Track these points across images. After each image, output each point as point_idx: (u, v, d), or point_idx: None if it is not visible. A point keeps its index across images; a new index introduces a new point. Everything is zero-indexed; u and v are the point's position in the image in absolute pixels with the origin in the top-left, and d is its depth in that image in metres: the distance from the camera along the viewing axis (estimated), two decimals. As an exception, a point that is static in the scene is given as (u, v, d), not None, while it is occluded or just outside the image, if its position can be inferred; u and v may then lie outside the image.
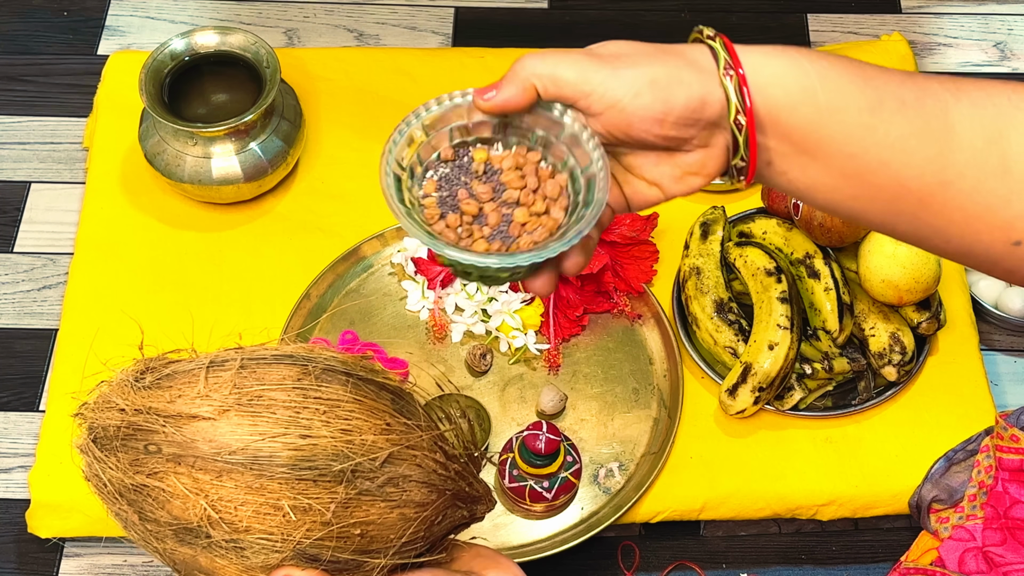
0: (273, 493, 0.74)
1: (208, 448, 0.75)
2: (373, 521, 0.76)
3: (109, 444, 0.80)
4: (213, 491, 0.74)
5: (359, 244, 1.42)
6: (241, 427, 0.75)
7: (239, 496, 0.74)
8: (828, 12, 1.73)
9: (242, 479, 0.74)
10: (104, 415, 0.81)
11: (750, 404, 1.28)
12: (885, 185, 0.75)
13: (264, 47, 1.42)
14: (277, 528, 0.74)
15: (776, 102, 0.74)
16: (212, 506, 0.74)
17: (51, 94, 1.62)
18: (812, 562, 1.30)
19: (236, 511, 0.74)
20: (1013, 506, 1.08)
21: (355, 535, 0.76)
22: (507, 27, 1.70)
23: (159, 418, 0.77)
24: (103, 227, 1.44)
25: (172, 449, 0.76)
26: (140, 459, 0.77)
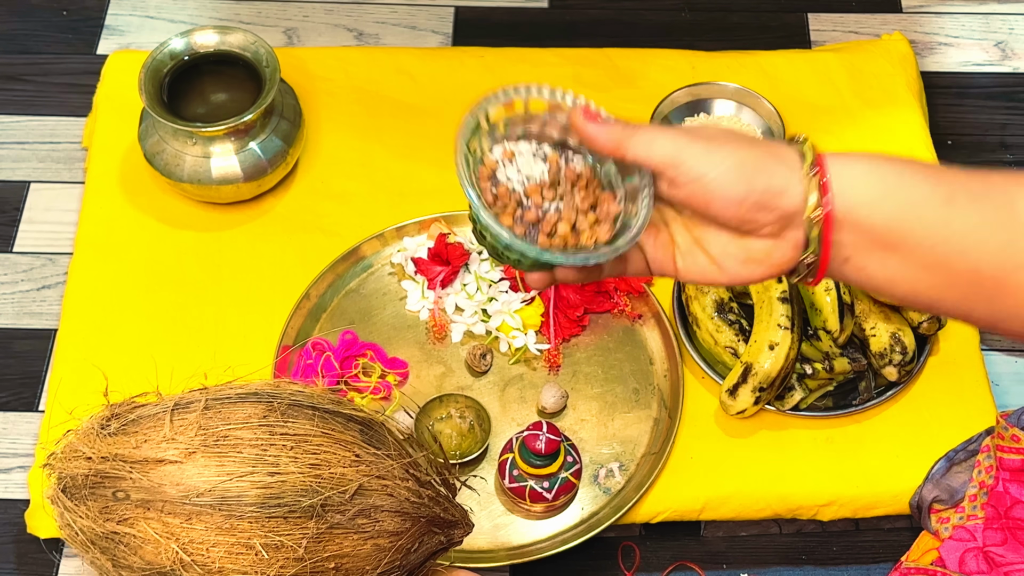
0: (244, 532, 0.74)
1: (176, 492, 0.75)
2: (347, 554, 0.77)
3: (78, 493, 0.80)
4: (184, 534, 0.74)
5: (359, 244, 1.41)
6: (208, 468, 0.75)
7: (210, 538, 0.74)
8: (829, 11, 1.73)
9: (212, 520, 0.74)
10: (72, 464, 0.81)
11: (751, 404, 1.28)
12: (962, 273, 0.79)
13: (264, 47, 1.41)
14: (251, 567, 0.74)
15: (857, 201, 0.79)
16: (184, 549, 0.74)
17: (50, 94, 1.62)
18: (813, 562, 1.30)
19: (208, 552, 0.74)
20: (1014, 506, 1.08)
21: (330, 569, 0.76)
22: (507, 26, 1.70)
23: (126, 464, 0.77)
24: (102, 227, 1.44)
25: (140, 495, 0.76)
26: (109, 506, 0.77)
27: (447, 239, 1.40)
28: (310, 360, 1.33)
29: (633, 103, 1.55)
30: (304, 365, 1.33)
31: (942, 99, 1.65)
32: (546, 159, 0.86)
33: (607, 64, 1.59)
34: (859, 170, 0.80)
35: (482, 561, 1.24)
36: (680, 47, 1.63)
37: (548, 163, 0.86)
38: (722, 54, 1.61)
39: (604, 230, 0.84)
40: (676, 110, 1.54)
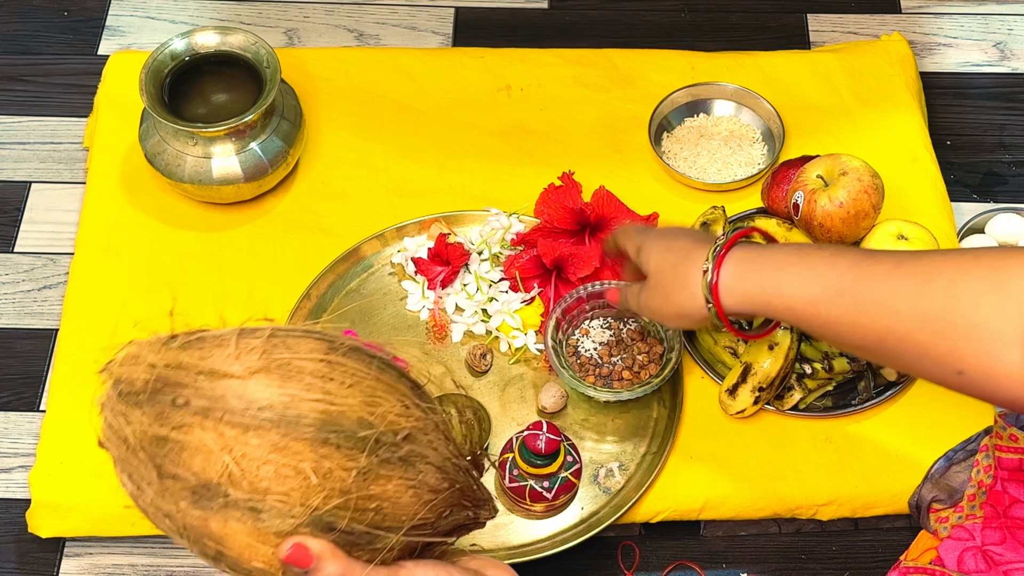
0: (296, 455, 0.74)
1: (237, 403, 0.75)
2: (388, 497, 0.77)
3: (135, 398, 0.79)
4: (238, 447, 0.74)
5: (359, 244, 1.42)
6: (270, 388, 0.75)
7: (263, 455, 0.74)
8: (828, 12, 1.73)
9: (268, 437, 0.74)
10: (132, 370, 0.79)
11: (750, 404, 1.28)
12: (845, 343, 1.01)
13: (264, 47, 1.42)
14: (296, 491, 0.74)
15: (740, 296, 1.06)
16: (236, 462, 0.74)
17: (51, 94, 1.62)
18: (812, 562, 1.30)
19: (258, 470, 0.74)
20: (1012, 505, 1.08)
21: (370, 508, 0.76)
22: (507, 27, 1.71)
23: (190, 372, 0.77)
24: (103, 227, 1.45)
25: (201, 402, 0.75)
26: (167, 412, 0.77)
27: (447, 239, 1.40)
28: (310, 360, 1.33)
29: (633, 103, 1.55)
30: (304, 365, 1.33)
31: (941, 99, 1.65)
32: (611, 327, 1.35)
33: (607, 64, 1.59)
34: (742, 271, 1.06)
35: (482, 560, 1.24)
36: (680, 47, 1.63)
37: (612, 330, 1.35)
38: (722, 54, 1.61)
39: (653, 367, 1.32)
40: (676, 110, 1.54)
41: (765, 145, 1.52)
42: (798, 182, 1.35)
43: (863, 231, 1.34)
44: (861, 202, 1.32)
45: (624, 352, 1.33)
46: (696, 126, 1.54)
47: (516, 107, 1.56)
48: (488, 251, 1.41)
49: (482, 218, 1.44)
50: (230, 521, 0.75)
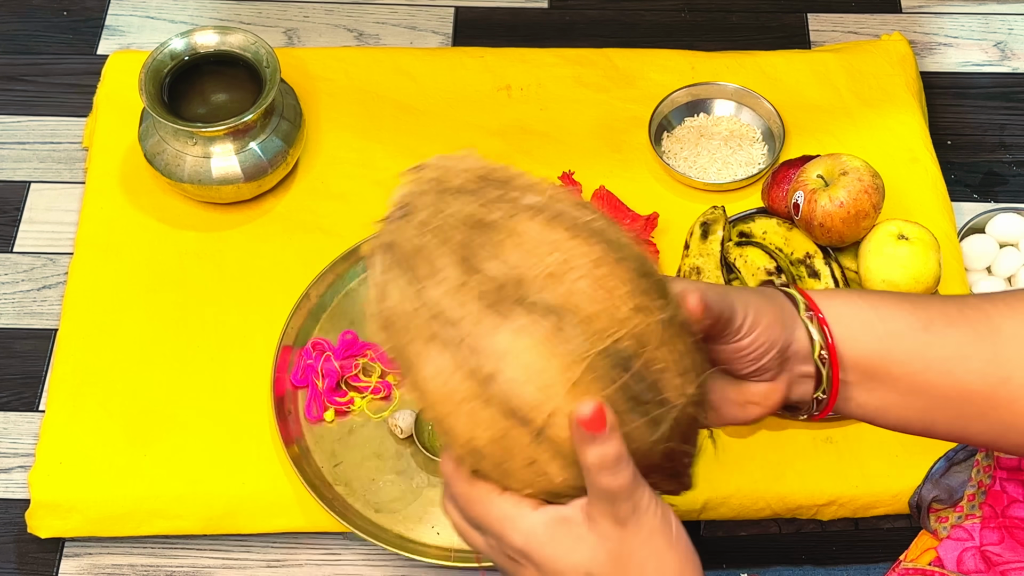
0: (616, 278, 0.69)
1: (567, 208, 0.70)
2: (671, 366, 0.72)
3: (454, 191, 0.72)
4: (563, 250, 0.69)
5: (359, 244, 1.42)
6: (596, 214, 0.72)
7: (585, 266, 0.69)
8: (828, 12, 1.73)
9: (594, 249, 0.69)
10: (452, 172, 0.73)
11: (750, 404, 1.28)
12: (950, 392, 0.82)
13: (264, 47, 1.42)
14: (604, 317, 0.68)
15: (839, 337, 0.82)
16: (559, 264, 0.68)
17: (51, 94, 1.62)
18: (812, 562, 1.30)
19: (575, 282, 0.68)
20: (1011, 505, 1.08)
21: (657, 368, 0.71)
22: (507, 27, 1.70)
23: (515, 180, 0.72)
24: (103, 227, 1.44)
25: (532, 199, 0.70)
26: (493, 201, 0.70)
27: (447, 239, 1.40)
28: (310, 360, 1.33)
29: (633, 103, 1.55)
30: (304, 365, 1.33)
31: (941, 99, 1.65)
32: None
33: (607, 64, 1.59)
34: (836, 307, 0.83)
35: (482, 561, 1.24)
36: (680, 47, 1.63)
37: None
38: (722, 54, 1.61)
39: None
40: (676, 110, 1.54)
41: (765, 145, 1.52)
42: (798, 182, 1.35)
43: (863, 231, 1.34)
44: (861, 202, 1.32)
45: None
46: (696, 126, 1.54)
47: (516, 107, 1.56)
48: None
49: (482, 218, 1.43)
50: (522, 335, 0.68)
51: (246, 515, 1.28)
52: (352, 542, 1.30)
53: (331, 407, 1.31)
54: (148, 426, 1.31)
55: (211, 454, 1.29)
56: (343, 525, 1.24)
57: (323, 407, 1.31)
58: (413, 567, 1.28)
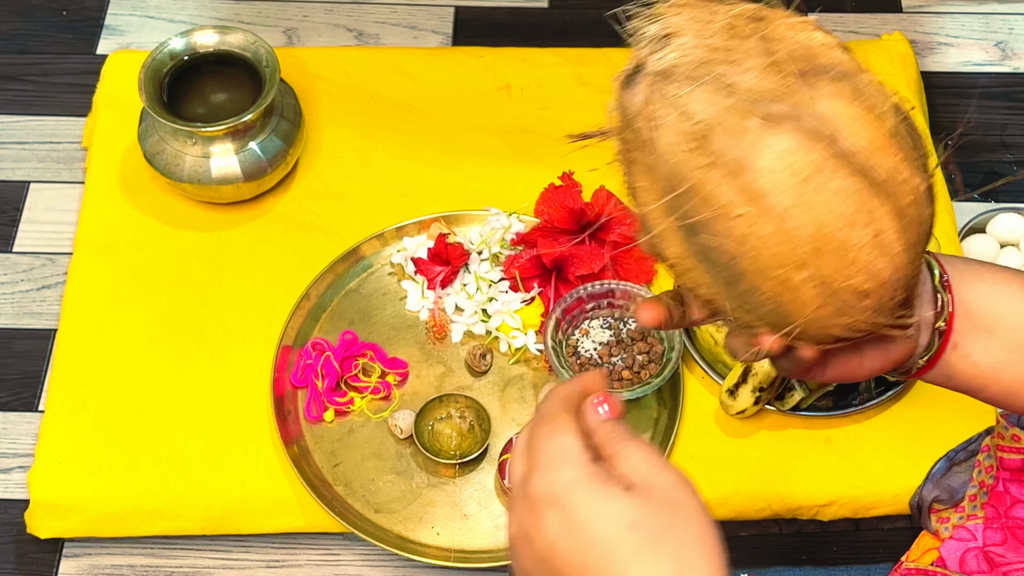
0: (889, 121, 0.65)
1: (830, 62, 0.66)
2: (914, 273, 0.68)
3: (712, 15, 0.69)
4: (827, 41, 0.66)
5: (359, 244, 1.41)
6: None
7: (849, 62, 0.66)
8: (829, 12, 1.73)
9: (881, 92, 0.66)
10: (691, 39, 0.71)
11: (751, 404, 1.28)
12: None
13: (263, 46, 1.41)
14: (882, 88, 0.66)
15: (955, 281, 0.79)
16: (830, 41, 0.66)
17: (50, 94, 1.62)
18: (812, 562, 1.30)
19: (850, 63, 0.66)
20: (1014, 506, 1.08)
21: (907, 273, 0.68)
22: (507, 26, 1.70)
23: None
24: (102, 227, 1.44)
25: (798, 64, 0.66)
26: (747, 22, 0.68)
27: (447, 239, 1.40)
28: (310, 360, 1.33)
29: (633, 103, 1.55)
30: (304, 365, 1.33)
31: (942, 99, 1.65)
32: (610, 327, 1.34)
33: (607, 64, 1.59)
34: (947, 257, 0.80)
35: (482, 561, 1.24)
36: (680, 47, 1.63)
37: (612, 330, 1.33)
38: (722, 54, 1.61)
39: (653, 367, 1.31)
40: (676, 110, 1.53)
41: (765, 145, 1.51)
42: (799, 182, 1.35)
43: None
44: (862, 202, 1.32)
45: (624, 352, 1.33)
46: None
47: (516, 107, 1.56)
48: (488, 251, 1.41)
49: (482, 218, 1.43)
50: (838, 98, 0.65)
51: (246, 515, 1.27)
52: (352, 542, 1.29)
53: (331, 407, 1.31)
54: (148, 426, 1.31)
55: (211, 454, 1.29)
56: (343, 525, 1.24)
57: (323, 407, 1.31)
58: (413, 567, 1.28)
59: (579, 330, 1.34)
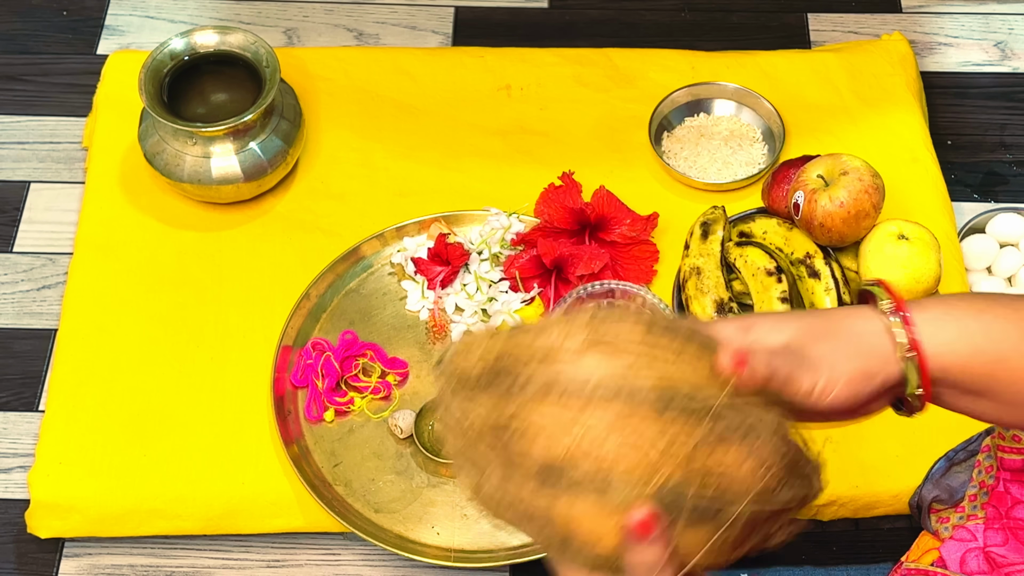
0: (638, 427, 0.73)
1: (574, 380, 0.75)
2: (728, 469, 0.75)
3: (474, 387, 0.79)
4: (580, 424, 0.74)
5: (359, 244, 1.41)
6: (604, 362, 0.75)
7: (605, 429, 0.73)
8: (828, 11, 1.73)
9: (608, 410, 0.74)
10: (467, 361, 0.79)
11: (750, 404, 1.28)
12: None
13: (264, 46, 1.41)
14: (641, 465, 0.73)
15: (948, 365, 0.83)
16: (578, 439, 0.73)
17: (51, 94, 1.62)
18: (812, 562, 1.30)
19: (601, 445, 0.73)
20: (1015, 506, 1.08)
21: (712, 482, 0.75)
22: (507, 27, 1.70)
23: (523, 356, 0.77)
24: (103, 227, 1.44)
25: (539, 383, 0.75)
26: (506, 397, 0.76)
27: (447, 239, 1.40)
28: (310, 360, 1.33)
29: (633, 103, 1.55)
30: (304, 365, 1.33)
31: (942, 99, 1.65)
32: None
33: (607, 64, 1.59)
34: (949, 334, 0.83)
35: (482, 561, 1.24)
36: (680, 47, 1.63)
37: None
38: (722, 54, 1.61)
39: None
40: (676, 110, 1.54)
41: (765, 145, 1.52)
42: (799, 182, 1.35)
43: (864, 231, 1.34)
44: (862, 202, 1.32)
45: None
46: (696, 126, 1.54)
47: (516, 107, 1.56)
48: (488, 251, 1.41)
49: (482, 218, 1.43)
50: (577, 502, 0.74)
51: (246, 515, 1.27)
52: (352, 542, 1.29)
53: (331, 407, 1.31)
54: (148, 426, 1.31)
55: (211, 454, 1.29)
56: (343, 525, 1.24)
57: (323, 407, 1.31)
58: (413, 567, 1.28)
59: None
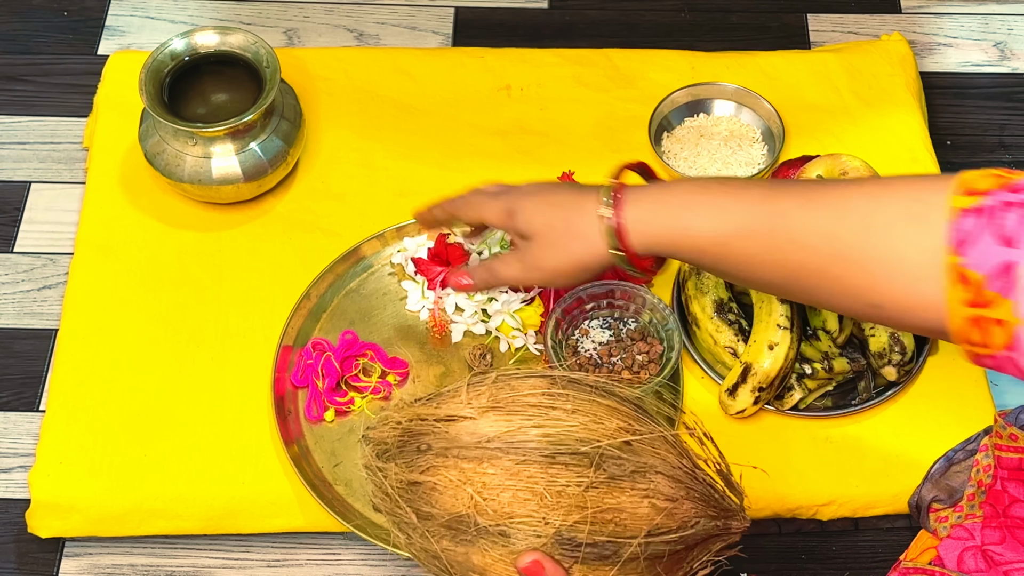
0: (530, 477, 0.81)
1: (470, 439, 0.83)
2: (625, 508, 0.82)
3: (388, 453, 0.89)
4: (477, 479, 0.82)
5: (359, 244, 1.42)
6: (498, 422, 0.84)
7: (500, 482, 0.82)
8: (828, 12, 1.73)
9: (501, 464, 0.82)
10: (384, 431, 0.90)
11: (750, 404, 1.28)
12: (758, 282, 1.00)
13: (264, 47, 1.42)
14: (536, 511, 0.81)
15: (649, 239, 1.04)
16: (478, 493, 0.82)
17: (51, 94, 1.62)
18: (812, 562, 1.30)
19: (498, 497, 0.81)
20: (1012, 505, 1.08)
21: (609, 520, 0.82)
22: (507, 27, 1.70)
23: (428, 421, 0.87)
24: (103, 227, 1.44)
25: (441, 444, 0.84)
26: (414, 459, 0.86)
27: (447, 239, 1.40)
28: (310, 360, 1.33)
29: (633, 103, 1.55)
30: (304, 365, 1.33)
31: (941, 99, 1.65)
32: (610, 327, 1.34)
33: (607, 64, 1.59)
34: (647, 211, 1.04)
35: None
36: (680, 47, 1.63)
37: (612, 330, 1.33)
38: (722, 54, 1.61)
39: (653, 367, 1.30)
40: (676, 110, 1.54)
41: (765, 145, 1.52)
42: (798, 182, 1.35)
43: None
44: (861, 202, 1.32)
45: (623, 352, 1.33)
46: (696, 126, 1.54)
47: (516, 107, 1.56)
48: (488, 251, 1.41)
49: (482, 218, 1.43)
50: (487, 550, 0.82)
51: (246, 515, 1.28)
52: (352, 542, 1.30)
53: (331, 407, 1.31)
54: (148, 426, 1.31)
55: (211, 454, 1.29)
56: (343, 525, 1.24)
57: (323, 407, 1.31)
58: (413, 567, 1.28)
59: (579, 330, 1.35)
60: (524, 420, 0.84)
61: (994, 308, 0.87)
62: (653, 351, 1.33)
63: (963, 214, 0.89)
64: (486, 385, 0.88)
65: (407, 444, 0.87)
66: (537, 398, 0.85)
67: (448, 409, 0.87)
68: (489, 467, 0.82)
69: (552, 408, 0.85)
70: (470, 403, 0.86)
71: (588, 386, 0.88)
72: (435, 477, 0.84)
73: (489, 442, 0.83)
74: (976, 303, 0.88)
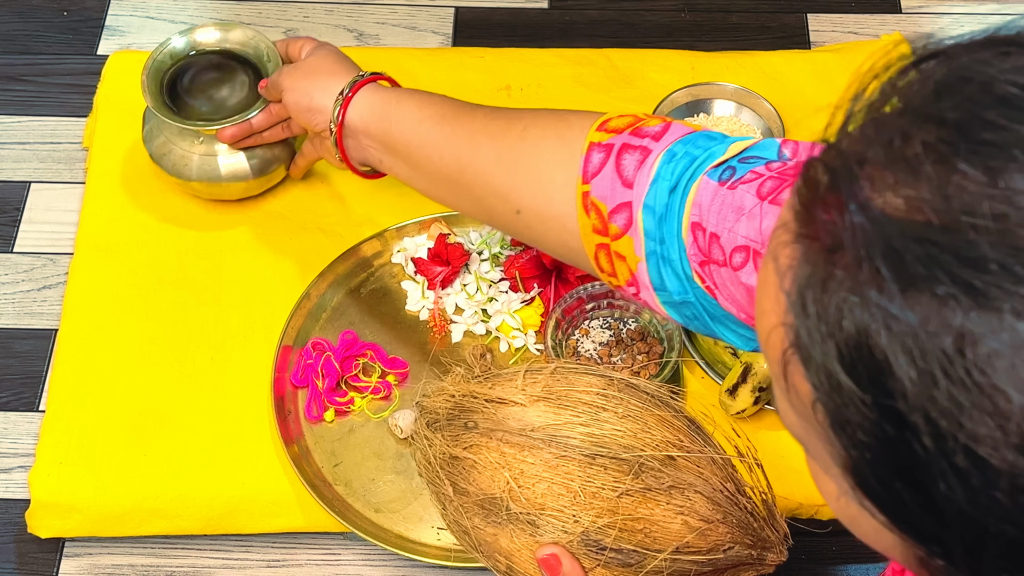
0: (567, 473, 0.81)
1: (516, 425, 0.84)
2: (656, 522, 0.82)
3: (437, 424, 0.90)
4: (516, 464, 0.82)
5: (359, 244, 1.42)
6: (547, 414, 0.84)
7: (537, 472, 0.82)
8: (828, 12, 1.73)
9: (541, 455, 0.82)
10: (437, 401, 0.92)
11: (750, 404, 1.28)
12: (434, 172, 1.11)
13: (264, 41, 1.42)
14: (568, 507, 0.81)
15: (365, 120, 1.18)
16: (514, 479, 0.82)
17: (51, 94, 1.62)
18: (812, 562, 1.30)
19: (533, 487, 0.81)
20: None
21: (638, 530, 0.81)
22: (507, 27, 1.70)
23: (479, 400, 0.87)
24: (103, 227, 1.44)
25: (487, 424, 0.85)
26: (460, 435, 0.86)
27: (447, 239, 1.40)
28: (310, 360, 1.33)
29: (633, 103, 1.55)
30: (304, 365, 1.33)
31: (941, 99, 1.65)
32: (610, 327, 1.34)
33: (607, 64, 1.59)
34: (371, 101, 1.18)
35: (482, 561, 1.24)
36: (680, 47, 1.63)
37: (612, 330, 1.33)
38: (722, 54, 1.61)
39: (653, 367, 1.29)
40: (676, 110, 1.54)
41: (765, 145, 1.52)
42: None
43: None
44: (861, 202, 1.32)
45: (624, 352, 1.33)
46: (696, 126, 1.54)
47: (516, 107, 1.55)
48: (488, 251, 1.41)
49: (482, 218, 1.43)
50: (515, 536, 0.82)
51: (246, 515, 1.28)
52: (352, 542, 1.30)
53: (331, 407, 1.31)
54: (148, 426, 1.31)
55: (211, 454, 1.29)
56: (343, 525, 1.24)
57: (323, 407, 1.31)
58: (413, 567, 1.28)
59: (579, 330, 1.35)
60: (573, 416, 0.83)
61: (618, 243, 0.93)
62: (653, 351, 1.33)
63: (593, 147, 0.95)
64: (544, 374, 0.87)
65: (456, 418, 0.88)
66: (591, 396, 0.85)
67: (501, 391, 0.87)
68: (529, 456, 0.82)
69: (603, 409, 0.84)
70: (523, 389, 0.86)
71: (645, 393, 0.88)
72: (476, 455, 0.84)
73: (533, 431, 0.83)
74: (602, 232, 0.94)
